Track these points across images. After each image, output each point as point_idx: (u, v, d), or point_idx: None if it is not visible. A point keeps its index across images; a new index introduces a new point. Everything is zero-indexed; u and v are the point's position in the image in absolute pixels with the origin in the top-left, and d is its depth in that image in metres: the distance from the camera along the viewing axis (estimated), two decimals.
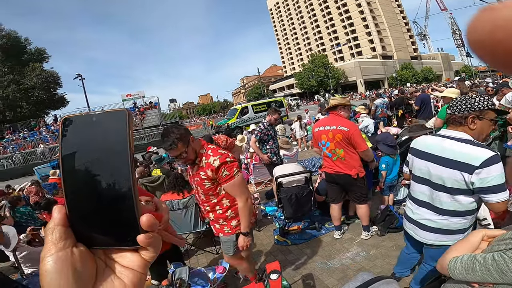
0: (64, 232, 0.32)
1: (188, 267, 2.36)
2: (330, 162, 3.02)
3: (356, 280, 1.27)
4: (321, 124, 3.07)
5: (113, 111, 0.34)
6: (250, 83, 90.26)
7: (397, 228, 3.17)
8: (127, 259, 0.35)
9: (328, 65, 54.05)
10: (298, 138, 9.74)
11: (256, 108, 19.98)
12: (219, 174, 1.95)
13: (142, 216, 0.34)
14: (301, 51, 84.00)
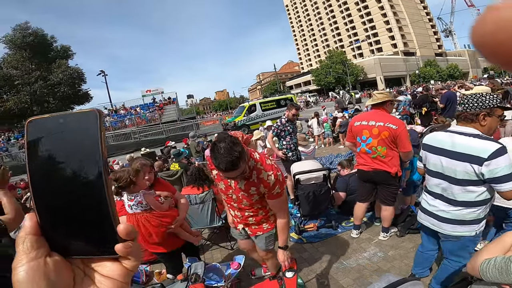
0: (36, 241, 0.31)
1: (203, 262, 2.39)
2: (368, 159, 2.91)
3: (381, 281, 1.25)
4: (363, 119, 2.93)
5: (82, 112, 0.32)
6: (266, 79, 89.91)
7: (417, 229, 3.07)
8: (107, 268, 0.34)
9: (346, 62, 52.82)
10: (316, 135, 9.63)
11: (264, 106, 19.38)
12: (271, 191, 1.82)
13: (119, 225, 0.33)
14: (318, 48, 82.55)
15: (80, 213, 0.32)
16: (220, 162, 1.57)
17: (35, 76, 30.80)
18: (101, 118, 0.32)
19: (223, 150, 1.56)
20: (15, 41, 29.91)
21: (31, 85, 30.65)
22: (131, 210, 2.25)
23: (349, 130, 3.09)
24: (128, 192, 2.21)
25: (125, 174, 2.16)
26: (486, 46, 0.22)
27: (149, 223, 2.26)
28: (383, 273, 2.55)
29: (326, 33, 78.71)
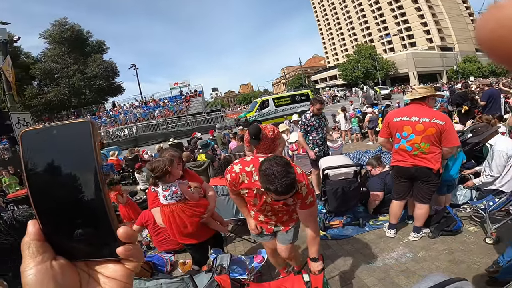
0: (40, 246, 0.33)
1: (229, 254, 2.40)
2: (407, 156, 2.77)
3: (428, 280, 1.19)
4: (403, 114, 2.77)
5: (75, 123, 0.33)
6: (291, 73, 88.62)
7: (452, 231, 2.91)
8: (110, 269, 0.36)
9: (376, 56, 50.60)
10: (343, 131, 9.39)
11: (277, 101, 18.54)
12: (304, 201, 1.80)
13: (119, 229, 0.34)
14: (346, 42, 79.78)
15: (80, 219, 0.33)
16: (278, 186, 1.47)
17: (73, 70, 32.83)
18: (93, 128, 0.33)
19: (279, 173, 1.47)
20: (54, 36, 31.98)
21: (69, 78, 32.74)
22: (166, 200, 2.25)
23: (386, 125, 2.94)
24: (164, 182, 2.21)
25: (160, 164, 2.16)
26: (488, 43, 0.23)
27: (184, 213, 2.26)
28: (411, 274, 2.49)
29: (354, 27, 75.87)
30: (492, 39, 0.23)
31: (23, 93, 29.63)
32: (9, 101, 7.70)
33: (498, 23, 0.22)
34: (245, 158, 1.93)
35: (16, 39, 13.12)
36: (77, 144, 0.33)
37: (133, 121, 25.31)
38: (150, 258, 3.22)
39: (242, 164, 1.84)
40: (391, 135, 2.89)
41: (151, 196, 2.38)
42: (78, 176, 0.33)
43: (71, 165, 0.33)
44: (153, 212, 2.39)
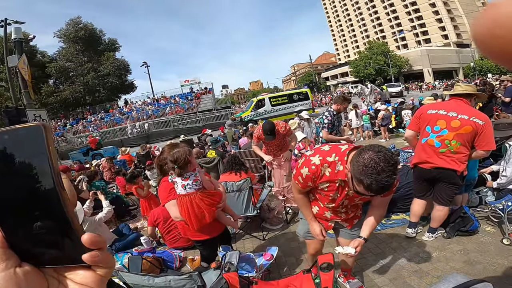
0: (3, 253, 0.33)
1: (238, 251, 2.37)
2: (432, 153, 2.60)
3: (447, 281, 1.15)
4: (440, 108, 2.59)
5: (27, 127, 0.32)
6: (301, 70, 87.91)
7: (468, 231, 2.80)
8: (80, 275, 0.35)
9: (388, 53, 49.57)
10: (354, 128, 9.24)
11: (274, 100, 17.98)
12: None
13: (83, 236, 0.33)
14: (357, 38, 78.44)
15: (41, 226, 0.33)
16: (379, 182, 1.30)
17: (87, 68, 33.62)
18: (47, 131, 0.32)
19: (386, 168, 1.29)
20: (68, 35, 32.81)
21: (84, 76, 33.56)
22: (185, 190, 2.26)
23: (417, 117, 2.76)
24: (185, 171, 2.23)
25: (182, 154, 2.18)
26: (484, 41, 0.24)
27: (202, 202, 2.27)
28: (424, 275, 2.42)
29: (365, 23, 74.48)
30: (488, 37, 0.23)
31: (40, 91, 30.57)
32: (25, 98, 7.94)
33: (494, 21, 0.22)
34: (320, 147, 1.76)
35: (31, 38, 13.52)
36: (30, 148, 0.32)
37: (145, 118, 25.74)
38: (160, 254, 3.25)
39: (321, 155, 1.66)
40: (420, 129, 2.72)
41: (165, 190, 2.32)
42: (34, 182, 0.32)
43: (25, 170, 0.32)
44: (168, 207, 2.33)
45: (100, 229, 3.76)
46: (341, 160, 1.59)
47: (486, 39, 0.23)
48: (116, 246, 3.71)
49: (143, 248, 3.47)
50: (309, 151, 1.81)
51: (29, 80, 7.99)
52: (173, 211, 2.29)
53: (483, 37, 0.23)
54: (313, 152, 1.75)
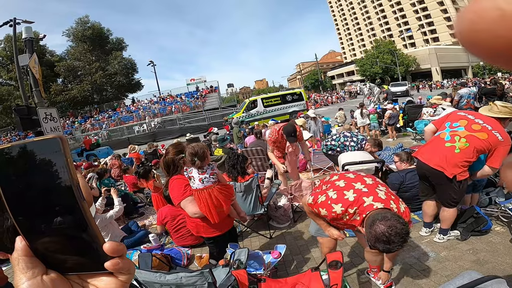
0: (29, 261, 0.34)
1: (247, 249, 2.39)
2: (435, 146, 2.57)
3: (462, 277, 1.15)
4: (472, 113, 2.58)
5: (45, 140, 0.32)
6: (306, 69, 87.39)
7: (481, 231, 2.77)
8: (103, 282, 0.37)
9: (395, 51, 48.93)
10: (360, 126, 9.18)
11: (266, 101, 17.73)
12: None
13: (104, 244, 0.35)
14: (363, 37, 77.55)
15: (63, 235, 0.34)
16: (389, 249, 1.44)
17: (95, 67, 34.00)
18: (63, 143, 0.32)
19: (397, 240, 1.39)
20: (76, 34, 33.20)
21: (92, 75, 33.97)
22: (203, 184, 2.29)
23: (446, 116, 2.76)
24: (203, 165, 2.28)
25: (201, 148, 2.25)
26: (466, 36, 0.23)
27: (221, 194, 2.31)
28: (432, 274, 2.41)
29: (372, 22, 73.59)
30: (470, 32, 0.23)
31: (49, 90, 31.05)
32: (36, 97, 8.09)
33: (476, 15, 0.22)
34: (344, 191, 1.71)
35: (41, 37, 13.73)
36: (49, 160, 0.32)
37: (152, 116, 25.95)
38: (168, 251, 3.29)
39: (344, 205, 1.65)
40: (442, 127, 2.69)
41: (179, 187, 2.29)
42: (55, 194, 0.33)
43: (46, 181, 0.33)
44: (184, 205, 2.27)
45: (110, 226, 3.82)
46: (360, 215, 1.62)
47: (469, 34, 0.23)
48: (125, 243, 3.75)
49: (151, 246, 3.51)
50: (332, 191, 1.74)
51: (40, 79, 8.13)
52: (191, 208, 2.27)
53: (466, 33, 0.23)
54: (336, 197, 1.70)
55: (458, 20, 0.24)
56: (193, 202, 2.27)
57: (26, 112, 6.40)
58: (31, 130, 7.51)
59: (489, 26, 0.21)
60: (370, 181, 1.76)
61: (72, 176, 0.33)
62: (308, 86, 65.79)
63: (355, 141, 4.06)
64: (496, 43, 0.21)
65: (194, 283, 1.70)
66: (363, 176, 1.82)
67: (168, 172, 2.35)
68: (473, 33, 0.22)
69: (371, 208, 1.57)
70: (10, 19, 10.28)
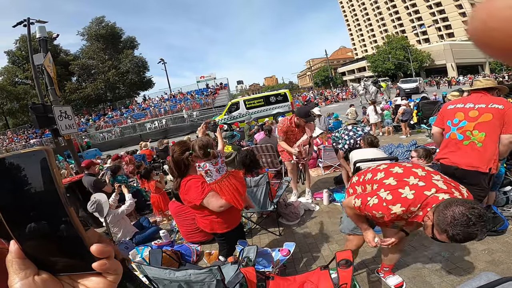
0: (22, 263, 0.36)
1: (256, 246, 2.37)
2: (455, 148, 2.47)
3: (479, 279, 1.12)
4: (458, 102, 2.53)
5: (30, 152, 0.35)
6: (316, 65, 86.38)
7: (497, 231, 2.68)
8: (92, 282, 0.39)
9: (408, 47, 47.74)
10: (372, 124, 9.02)
11: (249, 103, 17.38)
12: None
13: (91, 246, 0.37)
14: (375, 33, 75.96)
15: (52, 239, 0.36)
16: (474, 236, 1.28)
17: (108, 65, 34.72)
18: (49, 154, 0.35)
19: (480, 224, 1.25)
20: (90, 33, 33.91)
21: (105, 73, 34.71)
22: (219, 174, 2.34)
23: (441, 114, 2.68)
24: (216, 155, 2.34)
25: (208, 139, 2.30)
26: (479, 36, 0.24)
27: (236, 180, 2.36)
28: (445, 274, 2.35)
29: (383, 17, 71.98)
30: (483, 31, 0.23)
31: (64, 88, 31.92)
32: (51, 95, 8.30)
33: (489, 14, 0.22)
34: (399, 189, 1.56)
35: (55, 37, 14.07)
36: (36, 170, 0.35)
37: (163, 113, 26.30)
38: (178, 247, 3.32)
39: (404, 204, 1.50)
40: (444, 124, 2.62)
41: (196, 186, 2.18)
42: (43, 201, 0.35)
43: (35, 190, 0.35)
44: (207, 202, 2.18)
45: (123, 222, 3.90)
46: (423, 210, 1.48)
47: (483, 33, 0.23)
48: (136, 239, 3.83)
49: (162, 242, 3.56)
50: (384, 192, 1.58)
51: (55, 78, 8.34)
52: (215, 202, 2.20)
53: (478, 32, 0.23)
54: (391, 198, 1.54)
55: (471, 20, 0.24)
56: (216, 195, 2.21)
57: (42, 110, 6.57)
58: (47, 128, 7.71)
59: (501, 25, 0.21)
60: (421, 172, 1.63)
61: (58, 184, 0.35)
62: (318, 82, 65.14)
63: (350, 136, 3.98)
64: (509, 42, 0.22)
65: (203, 280, 1.71)
66: (412, 168, 1.68)
67: (179, 172, 2.23)
68: (486, 32, 0.23)
69: (437, 201, 1.44)
70: (24, 19, 10.58)
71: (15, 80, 33.97)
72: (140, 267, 1.88)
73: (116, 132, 24.08)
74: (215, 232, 2.45)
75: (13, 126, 34.15)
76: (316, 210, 4.04)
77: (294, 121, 3.95)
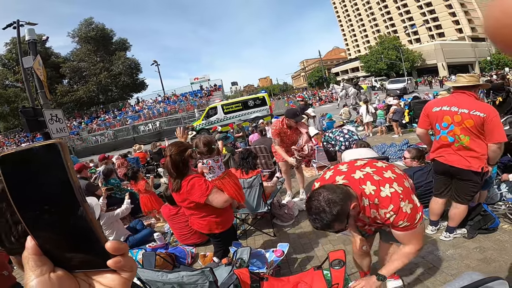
0: (38, 260, 0.36)
1: (250, 247, 2.37)
2: (448, 149, 2.53)
3: (462, 279, 1.13)
4: (443, 104, 2.54)
5: (47, 144, 0.34)
6: (310, 66, 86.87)
7: (488, 229, 2.72)
8: (107, 279, 0.39)
9: (400, 47, 48.35)
10: (365, 123, 9.10)
11: (227, 108, 17.48)
12: (395, 225, 1.53)
13: (106, 243, 0.37)
14: (367, 33, 76.86)
15: (68, 235, 0.36)
16: (311, 220, 1.43)
17: (99, 68, 34.34)
18: (63, 148, 0.34)
19: (316, 208, 1.37)
20: (81, 35, 33.54)
21: (96, 75, 34.32)
22: (220, 170, 2.41)
23: (425, 115, 2.69)
24: (219, 151, 2.42)
25: (207, 137, 2.40)
26: (494, 32, 0.24)
27: (235, 176, 2.46)
28: (438, 272, 2.38)
29: (375, 18, 72.93)
30: (497, 28, 0.24)
31: (55, 91, 31.45)
32: (41, 98, 8.19)
33: (502, 12, 0.23)
34: (338, 168, 1.69)
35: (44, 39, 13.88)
36: (50, 164, 0.34)
37: (156, 115, 26.12)
38: (172, 250, 3.31)
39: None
40: (430, 126, 2.67)
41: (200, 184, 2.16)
42: (59, 195, 0.35)
43: (50, 184, 0.34)
44: (212, 199, 2.17)
45: (116, 224, 3.86)
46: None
47: (496, 30, 0.24)
48: (130, 242, 3.79)
49: (156, 244, 3.53)
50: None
51: (45, 81, 8.23)
52: (220, 197, 2.19)
53: (493, 28, 0.24)
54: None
55: (485, 17, 0.25)
56: (219, 191, 2.23)
57: (32, 114, 6.47)
58: (38, 131, 7.60)
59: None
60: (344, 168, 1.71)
61: (73, 178, 0.34)
62: (312, 83, 65.44)
63: (345, 138, 4.05)
64: None
65: (195, 282, 1.71)
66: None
67: (178, 172, 2.17)
68: (499, 29, 0.23)
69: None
70: (14, 21, 10.43)
71: (5, 83, 33.37)
72: None
73: (109, 135, 23.82)
74: (212, 233, 2.45)
75: (4, 130, 33.53)
76: None
77: (285, 122, 3.99)
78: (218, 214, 2.32)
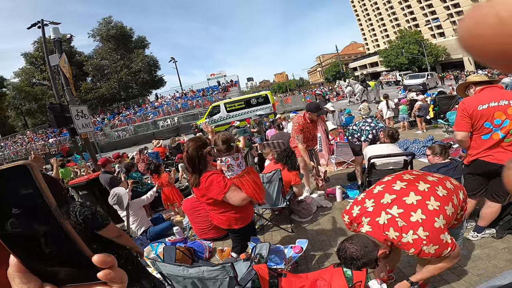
0: (23, 277, 0.35)
1: (269, 243, 2.37)
2: (497, 147, 2.36)
3: (503, 278, 1.07)
4: (489, 99, 2.33)
5: (14, 167, 0.33)
6: (327, 61, 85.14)
7: None
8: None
9: (422, 41, 46.30)
10: (386, 119, 8.82)
11: (230, 106, 17.52)
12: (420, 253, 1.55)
13: (93, 257, 0.36)
14: (387, 27, 73.88)
15: (51, 252, 0.35)
16: (343, 262, 1.61)
17: (120, 65, 35.35)
18: (33, 169, 0.33)
19: (349, 256, 1.55)
20: (101, 34, 34.62)
21: (118, 73, 35.38)
22: (240, 168, 2.37)
23: (467, 116, 2.44)
24: (238, 149, 2.40)
25: (228, 134, 2.36)
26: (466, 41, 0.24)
27: (254, 175, 2.43)
28: (463, 272, 2.28)
29: (395, 12, 69.88)
30: (470, 38, 0.24)
31: (79, 89, 32.78)
32: (68, 95, 8.55)
33: (476, 21, 0.23)
34: (364, 204, 1.72)
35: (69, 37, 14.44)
36: (21, 187, 0.34)
37: (174, 111, 26.65)
38: (191, 244, 3.36)
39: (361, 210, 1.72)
40: (472, 128, 2.45)
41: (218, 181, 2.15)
42: (35, 217, 0.34)
43: (21, 205, 0.34)
44: (229, 196, 2.16)
45: (140, 212, 4.03)
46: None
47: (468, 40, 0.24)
48: (150, 233, 3.90)
49: (175, 238, 3.61)
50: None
51: (70, 78, 8.57)
52: (238, 195, 2.18)
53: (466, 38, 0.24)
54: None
55: (460, 25, 0.24)
56: (237, 189, 2.21)
57: (59, 110, 6.77)
58: (65, 127, 7.93)
59: (487, 32, 0.22)
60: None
61: (48, 199, 0.34)
62: (329, 78, 64.24)
63: (371, 127, 3.90)
64: (493, 49, 0.23)
65: (216, 277, 1.72)
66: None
67: (194, 168, 2.17)
68: (473, 38, 0.24)
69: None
70: (38, 21, 10.91)
71: (33, 81, 35.15)
72: (155, 264, 1.91)
73: (130, 130, 24.62)
74: (231, 229, 2.43)
75: (32, 126, 35.42)
76: (328, 207, 3.99)
77: (307, 117, 3.94)
78: (237, 210, 2.29)
